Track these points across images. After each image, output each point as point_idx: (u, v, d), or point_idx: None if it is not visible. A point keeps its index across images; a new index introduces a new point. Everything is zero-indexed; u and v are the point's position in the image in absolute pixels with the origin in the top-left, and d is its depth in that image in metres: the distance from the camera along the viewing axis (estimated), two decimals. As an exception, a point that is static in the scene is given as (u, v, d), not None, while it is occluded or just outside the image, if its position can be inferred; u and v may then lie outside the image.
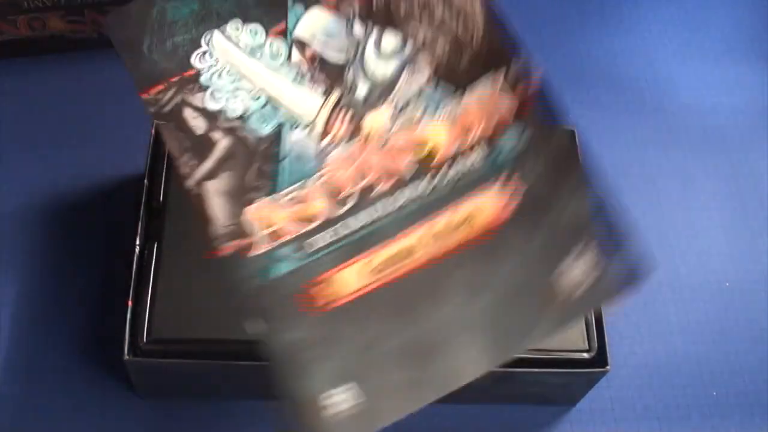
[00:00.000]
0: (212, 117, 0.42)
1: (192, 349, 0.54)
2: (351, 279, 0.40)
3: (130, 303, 0.54)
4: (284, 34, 0.42)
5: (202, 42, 0.42)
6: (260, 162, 0.41)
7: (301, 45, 0.42)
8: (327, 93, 0.42)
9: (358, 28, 0.42)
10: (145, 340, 0.53)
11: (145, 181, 0.58)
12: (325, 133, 0.41)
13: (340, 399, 0.39)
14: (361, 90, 0.42)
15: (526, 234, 0.40)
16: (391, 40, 0.42)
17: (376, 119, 0.42)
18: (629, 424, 0.63)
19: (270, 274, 0.40)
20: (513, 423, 0.62)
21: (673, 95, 0.79)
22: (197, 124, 0.42)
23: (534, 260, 0.40)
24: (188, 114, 0.42)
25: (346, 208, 0.41)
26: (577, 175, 0.41)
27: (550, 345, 0.56)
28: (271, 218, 0.41)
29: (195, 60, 0.42)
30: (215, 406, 0.60)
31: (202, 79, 0.42)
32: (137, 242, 0.56)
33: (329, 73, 0.42)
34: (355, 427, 0.38)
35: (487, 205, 0.40)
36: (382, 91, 0.42)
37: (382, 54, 0.42)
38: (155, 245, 0.56)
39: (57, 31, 0.70)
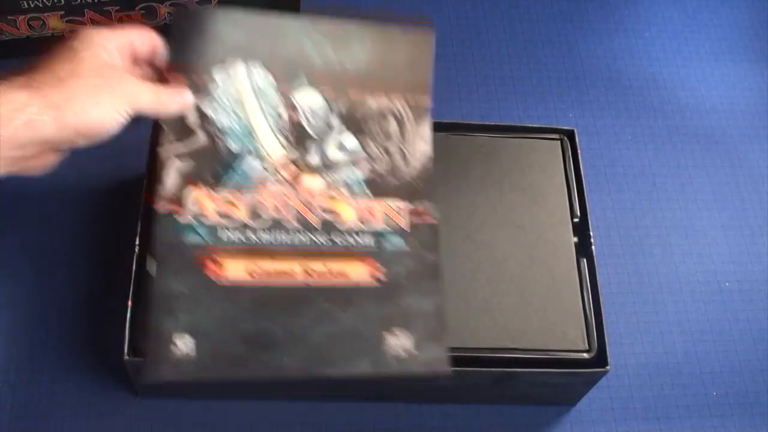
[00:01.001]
0: (204, 118, 0.54)
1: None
2: (237, 269, 0.52)
3: (129, 303, 0.54)
4: (287, 94, 0.55)
5: (227, 63, 0.54)
6: (218, 164, 0.54)
7: (293, 108, 0.56)
8: (289, 147, 0.55)
9: (335, 122, 0.56)
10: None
11: (145, 181, 0.58)
12: (273, 170, 0.54)
13: (182, 344, 0.49)
14: (313, 158, 0.55)
15: (378, 301, 0.53)
16: (351, 141, 0.56)
17: (312, 181, 0.55)
18: (629, 424, 0.63)
19: (182, 236, 0.52)
20: (513, 423, 0.62)
21: (673, 95, 0.79)
22: (191, 116, 0.53)
23: (373, 321, 0.52)
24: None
25: (258, 223, 0.53)
26: (428, 290, 0.53)
27: (550, 345, 0.56)
28: (203, 202, 0.53)
29: (214, 71, 0.54)
30: (215, 406, 0.60)
31: (211, 88, 0.54)
32: (137, 242, 0.56)
33: (299, 137, 0.56)
34: (181, 370, 0.49)
35: (359, 270, 0.54)
36: (326, 167, 0.56)
37: (340, 146, 0.56)
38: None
39: (57, 31, 0.70)
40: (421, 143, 0.58)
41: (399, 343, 0.52)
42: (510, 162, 0.63)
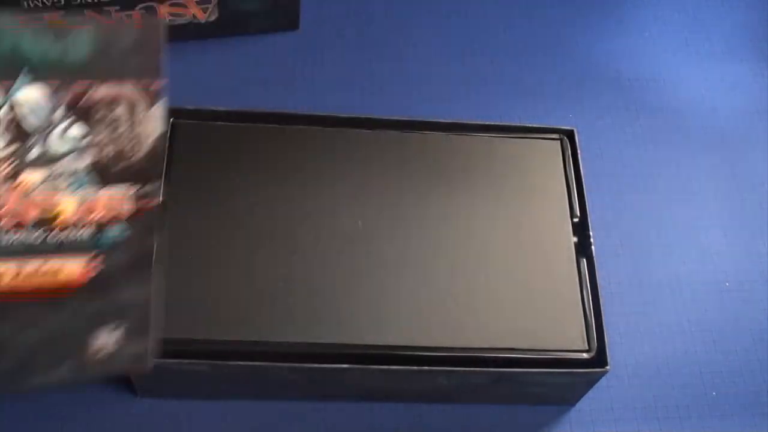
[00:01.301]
0: None
1: (192, 349, 0.54)
2: None
3: (129, 303, 0.54)
4: (5, 92, 0.53)
5: None
6: None
7: (12, 106, 0.53)
8: (7, 144, 0.52)
9: (59, 112, 0.54)
10: (145, 340, 0.53)
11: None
12: None
13: None
14: (34, 153, 0.53)
15: (90, 298, 0.51)
16: (76, 130, 0.54)
17: (31, 177, 0.52)
18: (629, 424, 0.63)
19: None
20: (513, 423, 0.62)
21: (673, 95, 0.79)
22: None
23: (83, 320, 0.50)
24: None
25: None
26: (144, 279, 0.52)
27: (550, 345, 0.56)
28: None
29: None
30: (215, 406, 0.60)
31: None
32: (137, 242, 0.56)
33: (18, 133, 0.53)
34: None
35: (72, 268, 0.51)
36: (48, 160, 0.53)
37: (64, 136, 0.54)
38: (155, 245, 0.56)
39: (57, 31, 0.70)
40: (151, 124, 0.56)
41: (104, 341, 0.51)
42: (510, 162, 0.63)
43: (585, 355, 0.56)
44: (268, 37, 0.76)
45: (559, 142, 0.64)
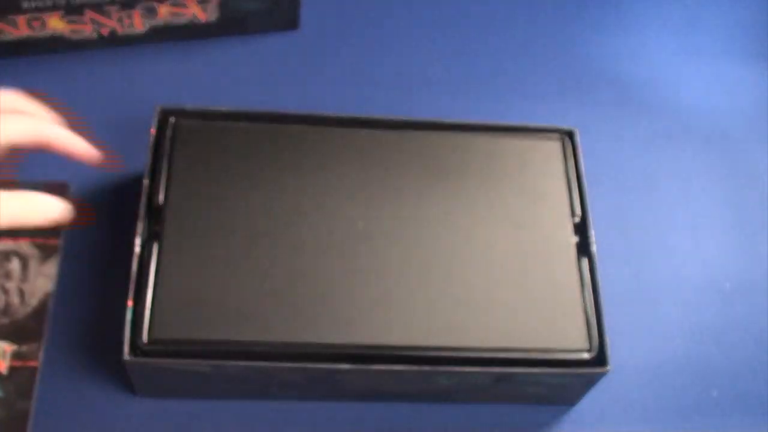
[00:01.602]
0: None
1: (192, 349, 0.54)
2: None
3: (130, 303, 0.54)
4: None
5: None
6: None
7: None
8: None
9: None
10: (145, 340, 0.53)
11: (145, 181, 0.58)
12: None
13: None
14: None
15: None
16: None
17: None
18: (629, 424, 0.63)
19: None
20: (513, 423, 0.62)
21: (673, 95, 0.79)
22: None
23: None
24: None
25: None
26: None
27: (550, 345, 0.56)
28: None
29: None
30: (215, 406, 0.60)
31: None
32: (137, 242, 0.56)
33: None
34: None
35: None
36: None
37: None
38: (155, 245, 0.56)
39: (57, 31, 0.70)
40: (42, 281, 0.59)
41: None
42: (510, 162, 0.63)
43: (585, 355, 0.56)
44: (268, 37, 0.76)
45: (559, 142, 0.64)
